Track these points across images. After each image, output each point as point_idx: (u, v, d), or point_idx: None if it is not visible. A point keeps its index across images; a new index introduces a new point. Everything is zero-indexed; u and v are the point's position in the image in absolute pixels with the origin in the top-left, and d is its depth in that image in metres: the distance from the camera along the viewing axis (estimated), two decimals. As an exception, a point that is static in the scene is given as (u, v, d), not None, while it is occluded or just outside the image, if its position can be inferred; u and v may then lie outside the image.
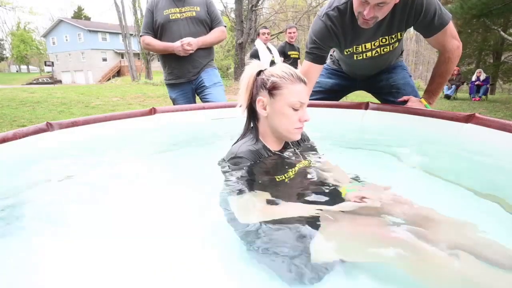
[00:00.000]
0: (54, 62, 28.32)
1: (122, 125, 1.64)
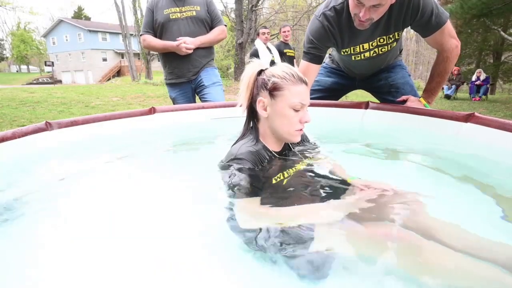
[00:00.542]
0: (54, 62, 28.30)
1: (121, 124, 1.64)
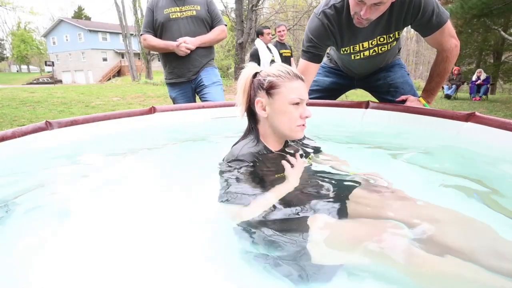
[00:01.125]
0: (54, 62, 28.30)
1: (121, 124, 1.64)
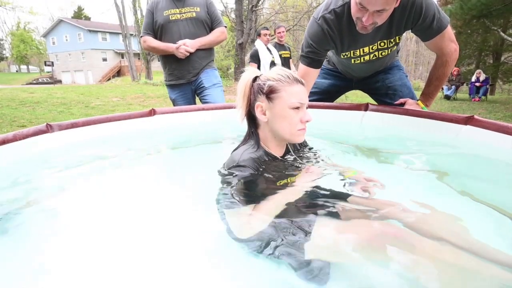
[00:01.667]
0: (54, 62, 28.31)
1: (122, 126, 1.64)
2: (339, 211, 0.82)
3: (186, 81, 2.29)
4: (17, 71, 46.95)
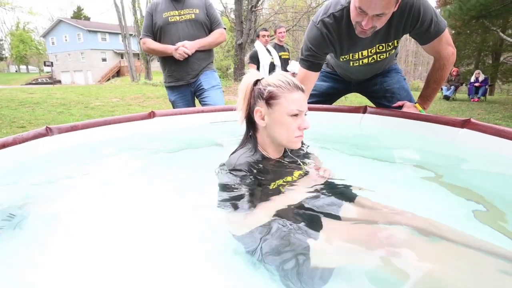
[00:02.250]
0: (53, 62, 28.36)
1: (121, 129, 1.65)
2: (342, 214, 0.83)
3: (185, 82, 2.30)
4: (16, 71, 46.89)
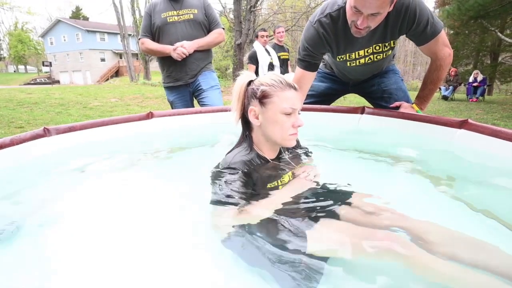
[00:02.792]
0: (52, 62, 28.22)
1: (119, 129, 1.65)
2: (334, 215, 0.84)
3: (183, 83, 2.30)
4: (14, 71, 46.78)
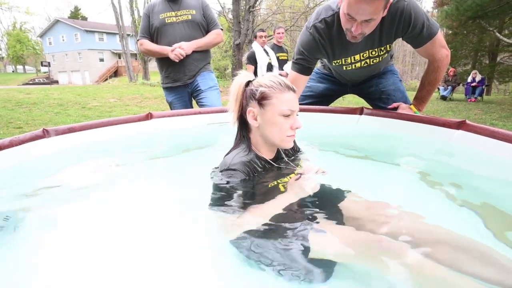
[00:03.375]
0: (50, 62, 28.11)
1: (118, 130, 1.65)
2: (334, 216, 0.84)
3: (182, 83, 2.30)
4: (13, 72, 46.66)
